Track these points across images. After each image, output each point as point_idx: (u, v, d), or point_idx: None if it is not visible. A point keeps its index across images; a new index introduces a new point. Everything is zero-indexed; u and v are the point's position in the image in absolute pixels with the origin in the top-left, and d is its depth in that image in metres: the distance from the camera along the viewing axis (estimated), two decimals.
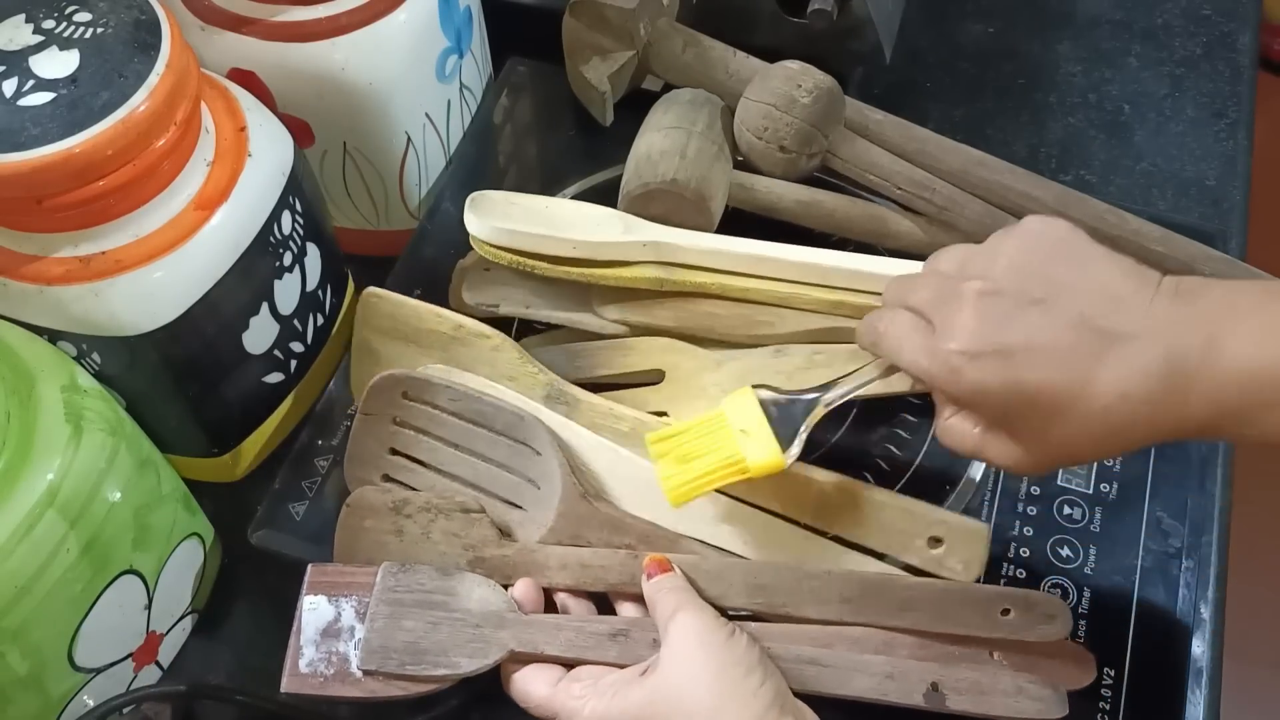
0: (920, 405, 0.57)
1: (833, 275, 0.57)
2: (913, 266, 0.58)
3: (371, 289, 0.56)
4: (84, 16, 0.48)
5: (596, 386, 0.56)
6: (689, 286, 0.57)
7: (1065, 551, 0.53)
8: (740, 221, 0.61)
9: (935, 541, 0.50)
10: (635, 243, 0.57)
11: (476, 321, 0.55)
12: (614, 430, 0.53)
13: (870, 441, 0.57)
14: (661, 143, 0.59)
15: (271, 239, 0.54)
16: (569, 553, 0.51)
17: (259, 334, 0.55)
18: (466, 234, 0.58)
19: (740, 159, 0.62)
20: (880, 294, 0.56)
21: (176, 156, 0.49)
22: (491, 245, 0.57)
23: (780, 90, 0.59)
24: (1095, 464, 0.56)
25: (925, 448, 0.56)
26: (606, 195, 0.62)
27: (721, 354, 0.57)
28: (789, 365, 0.56)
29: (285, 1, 0.56)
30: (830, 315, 0.57)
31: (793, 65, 0.60)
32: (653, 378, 0.57)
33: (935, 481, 0.55)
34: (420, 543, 0.51)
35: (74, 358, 0.50)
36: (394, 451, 0.54)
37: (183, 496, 0.54)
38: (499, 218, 0.57)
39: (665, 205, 0.58)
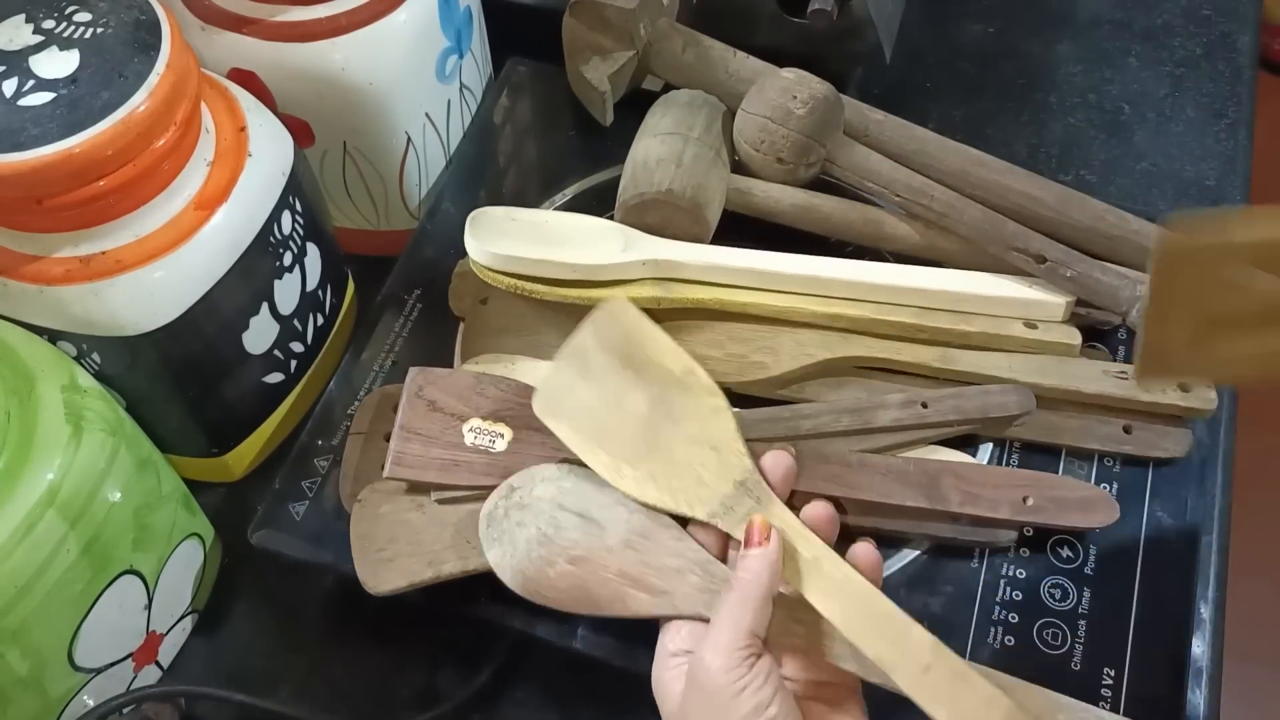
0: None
1: (830, 286, 0.57)
2: (908, 273, 0.58)
3: (623, 300, 0.51)
4: (84, 16, 0.48)
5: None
6: (687, 303, 0.57)
7: (1065, 552, 0.53)
8: (738, 225, 0.61)
9: None
10: (635, 261, 0.57)
11: (707, 375, 0.50)
12: (792, 550, 0.46)
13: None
14: (658, 149, 0.59)
15: (271, 239, 0.54)
16: None
17: (259, 334, 0.55)
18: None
19: (738, 159, 0.62)
20: (881, 303, 0.57)
21: (176, 156, 0.49)
22: (491, 270, 0.57)
23: (775, 103, 0.59)
24: (1095, 464, 0.55)
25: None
26: (606, 195, 0.62)
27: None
28: None
29: (285, 1, 0.56)
30: (827, 332, 0.57)
31: (789, 75, 0.60)
32: None
33: None
34: (443, 511, 0.51)
35: (74, 358, 0.50)
36: None
37: (183, 496, 0.54)
38: (498, 238, 0.56)
39: (661, 214, 0.58)
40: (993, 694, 0.42)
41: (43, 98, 0.46)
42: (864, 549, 0.46)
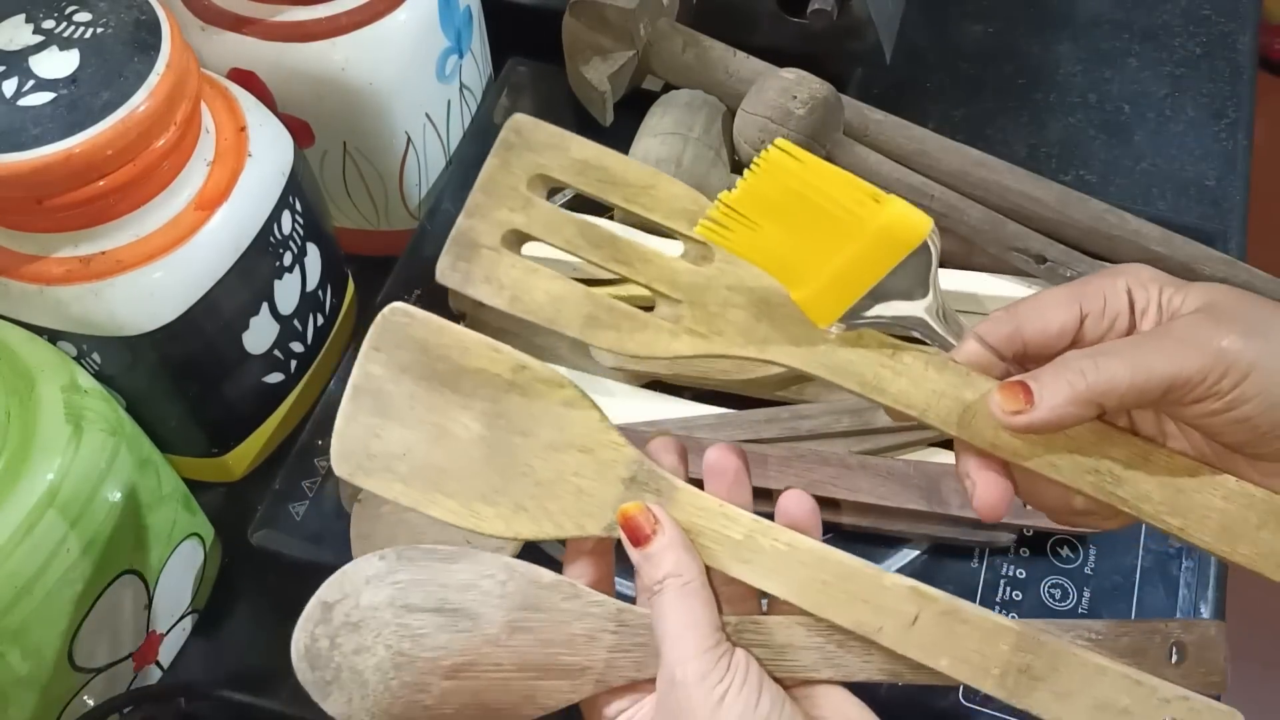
0: None
1: None
2: None
3: (398, 305, 0.40)
4: (84, 16, 0.48)
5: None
6: None
7: (1065, 551, 0.53)
8: None
9: None
10: None
11: (545, 364, 0.40)
12: (720, 535, 0.39)
13: None
14: (658, 149, 0.59)
15: (271, 239, 0.54)
16: None
17: (259, 334, 0.55)
18: None
19: (738, 159, 0.62)
20: None
21: (176, 156, 0.49)
22: None
23: (775, 103, 0.59)
24: None
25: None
26: None
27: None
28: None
29: (285, 1, 0.56)
30: None
31: (788, 75, 0.60)
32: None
33: None
34: None
35: (74, 358, 0.50)
36: None
37: (183, 496, 0.54)
38: None
39: None
40: (993, 624, 0.37)
41: (43, 98, 0.46)
42: (794, 499, 0.39)
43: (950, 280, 0.58)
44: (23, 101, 0.46)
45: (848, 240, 0.36)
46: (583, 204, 0.64)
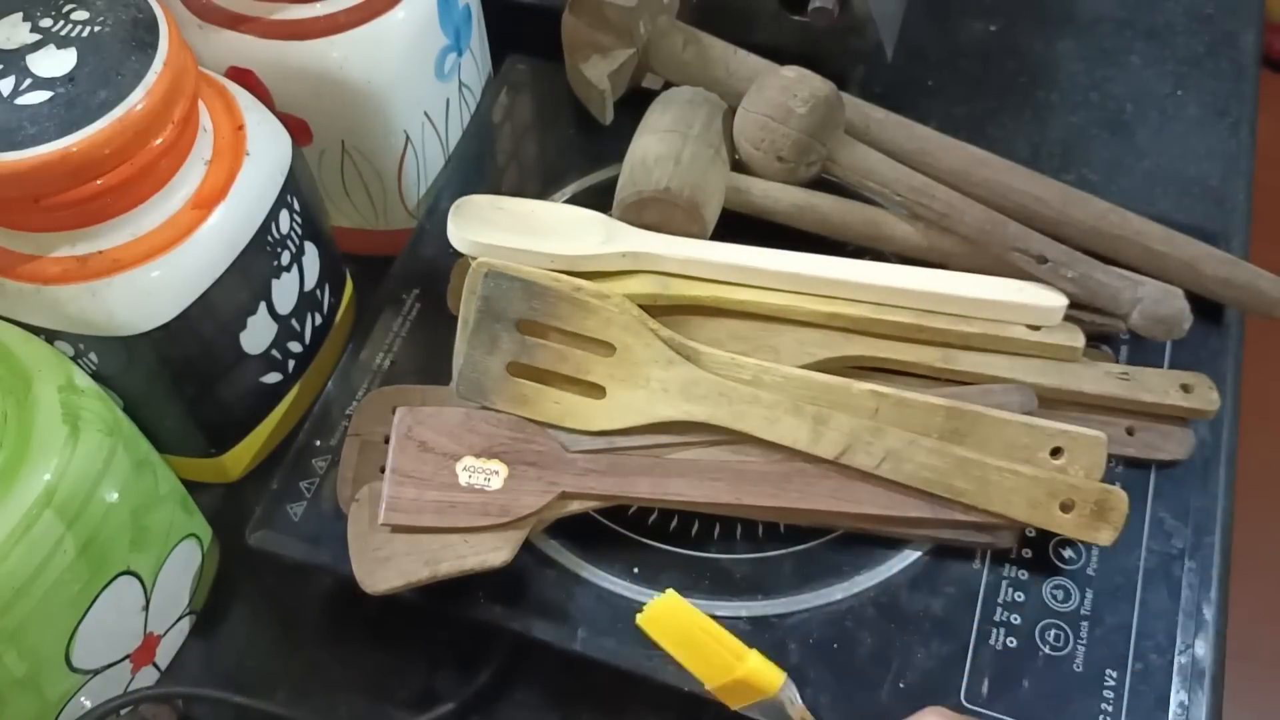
0: None
1: (819, 284, 0.57)
2: (906, 274, 0.57)
3: (485, 261, 0.53)
4: (81, 15, 0.48)
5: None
6: (685, 300, 0.57)
7: (1068, 553, 0.53)
8: (744, 225, 0.60)
9: (1056, 452, 0.52)
10: (614, 253, 0.56)
11: (593, 284, 0.54)
12: (735, 379, 0.53)
13: None
14: (656, 147, 0.59)
15: (269, 238, 0.53)
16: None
17: (257, 334, 0.55)
18: None
19: (739, 158, 0.62)
20: (875, 304, 0.56)
21: (174, 155, 0.49)
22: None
23: (776, 101, 0.59)
24: None
25: None
26: (606, 194, 0.62)
27: (674, 354, 0.54)
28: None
29: None
30: (828, 331, 0.56)
31: (789, 74, 0.60)
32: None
33: None
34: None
35: (71, 357, 0.50)
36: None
37: (180, 497, 0.54)
38: (480, 226, 0.56)
39: (659, 213, 0.58)
40: (930, 403, 0.52)
41: (40, 96, 0.46)
42: None
43: (941, 282, 0.57)
44: (20, 100, 0.45)
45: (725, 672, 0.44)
46: (587, 203, 0.64)
